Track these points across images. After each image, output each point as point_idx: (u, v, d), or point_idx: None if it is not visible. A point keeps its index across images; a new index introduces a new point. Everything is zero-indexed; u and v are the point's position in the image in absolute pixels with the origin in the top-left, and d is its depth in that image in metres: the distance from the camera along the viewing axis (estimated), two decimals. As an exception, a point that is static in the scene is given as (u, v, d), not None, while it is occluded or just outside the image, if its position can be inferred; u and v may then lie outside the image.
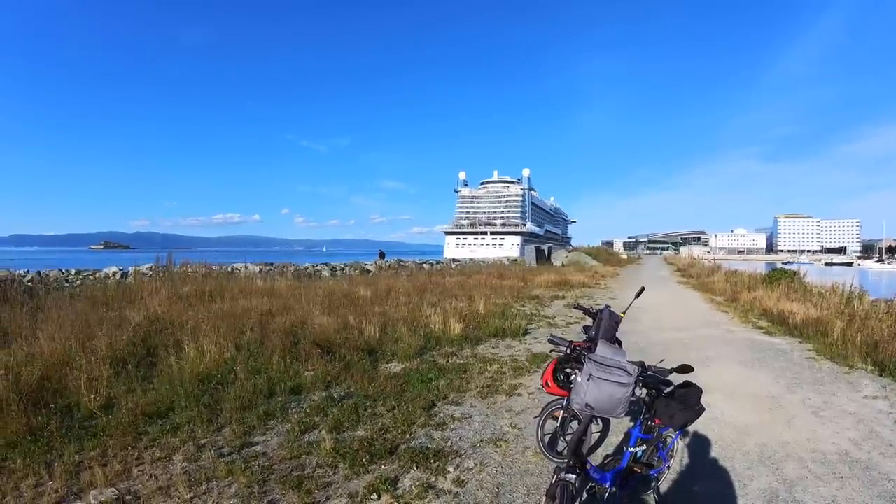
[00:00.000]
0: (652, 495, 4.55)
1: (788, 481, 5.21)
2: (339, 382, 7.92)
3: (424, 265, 39.58)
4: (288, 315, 11.85)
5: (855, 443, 6.22)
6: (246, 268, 24.19)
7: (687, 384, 4.19)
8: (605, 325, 5.68)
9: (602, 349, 3.80)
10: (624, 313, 6.18)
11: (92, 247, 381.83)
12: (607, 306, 5.89)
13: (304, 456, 5.39)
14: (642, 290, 7.14)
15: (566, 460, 3.64)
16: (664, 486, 4.85)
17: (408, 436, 6.03)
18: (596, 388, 3.52)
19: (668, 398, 4.01)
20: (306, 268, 28.11)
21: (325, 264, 31.61)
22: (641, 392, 3.91)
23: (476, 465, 5.37)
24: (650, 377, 3.96)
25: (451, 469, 5.24)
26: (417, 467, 5.20)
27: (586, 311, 6.55)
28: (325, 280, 22.54)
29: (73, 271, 20.15)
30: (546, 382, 5.15)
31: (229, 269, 22.51)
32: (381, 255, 44.13)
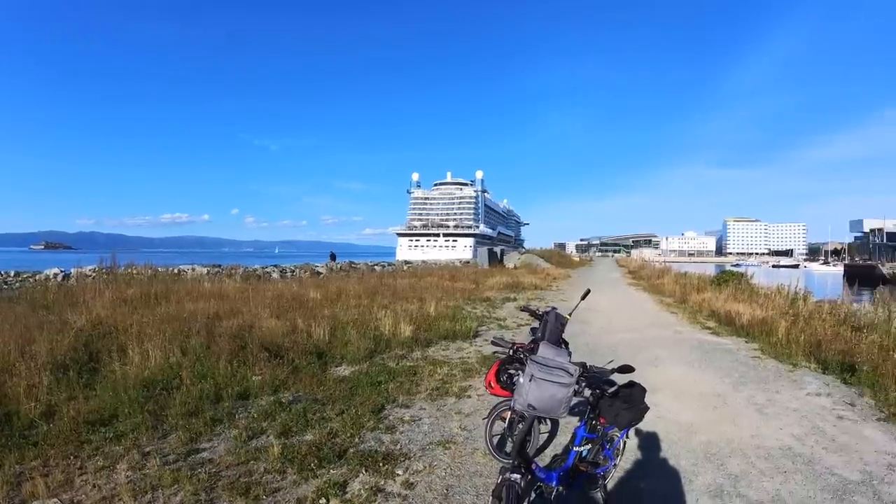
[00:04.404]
0: (599, 493, 4.69)
1: (733, 476, 5.45)
2: (287, 386, 7.91)
3: (376, 267, 39.52)
4: (235, 318, 11.74)
5: (798, 438, 6.53)
6: (193, 269, 23.90)
7: (631, 384, 4.35)
8: (551, 327, 5.82)
9: (544, 350, 3.91)
10: (570, 315, 6.34)
11: (32, 247, 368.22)
12: (553, 308, 6.05)
13: (251, 462, 5.39)
14: (588, 292, 7.33)
15: (511, 460, 3.76)
16: (611, 483, 5.00)
17: (357, 439, 6.08)
18: (538, 388, 3.62)
19: (612, 398, 4.14)
20: (255, 270, 27.86)
21: (275, 266, 31.39)
22: (586, 392, 4.04)
23: (425, 467, 5.46)
24: (593, 377, 4.11)
25: (400, 472, 5.31)
26: (366, 471, 5.26)
27: (532, 313, 6.69)
28: (275, 282, 22.30)
29: (11, 273, 19.63)
30: (489, 384, 5.26)
31: (176, 271, 22.22)
32: (333, 257, 43.88)
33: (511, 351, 5.10)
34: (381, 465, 5.40)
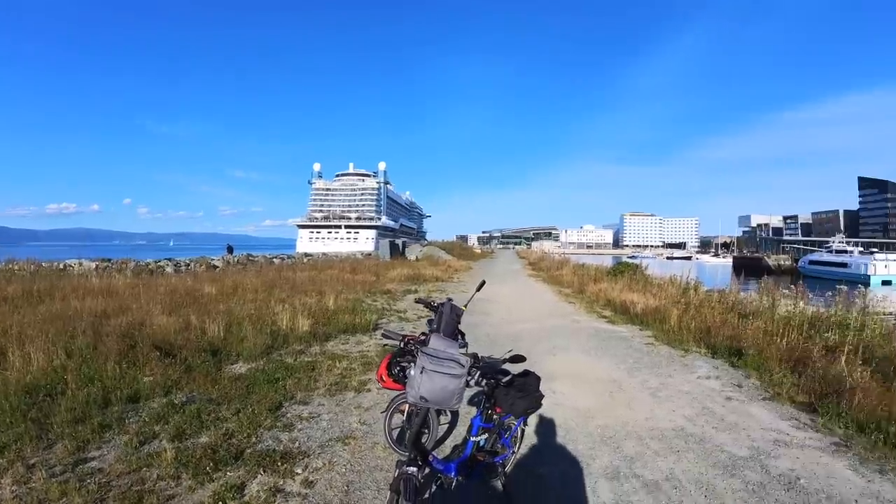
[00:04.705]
0: (499, 481, 4.72)
1: (629, 458, 5.63)
2: (180, 387, 7.53)
3: (275, 260, 38.76)
4: (125, 316, 11.21)
5: (690, 419, 6.84)
6: (80, 264, 22.89)
7: (526, 373, 4.42)
8: (446, 319, 5.83)
9: (435, 342, 3.91)
10: (465, 306, 6.36)
11: None
12: (449, 300, 6.05)
13: (144, 469, 5.09)
14: (483, 283, 7.39)
15: (407, 454, 3.73)
16: (511, 471, 5.04)
17: (254, 439, 5.87)
18: (429, 380, 3.60)
19: (507, 387, 4.19)
20: (148, 264, 26.83)
21: (169, 260, 30.17)
22: (481, 382, 4.05)
23: (325, 464, 5.35)
24: (486, 368, 4.14)
25: (299, 470, 5.18)
26: (264, 471, 5.09)
27: (428, 305, 6.68)
28: (168, 277, 21.53)
29: None
30: (381, 377, 5.21)
31: (61, 266, 21.13)
32: (230, 250, 42.69)
33: (402, 343, 5.07)
34: (279, 464, 5.24)
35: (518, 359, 4.34)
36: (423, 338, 5.15)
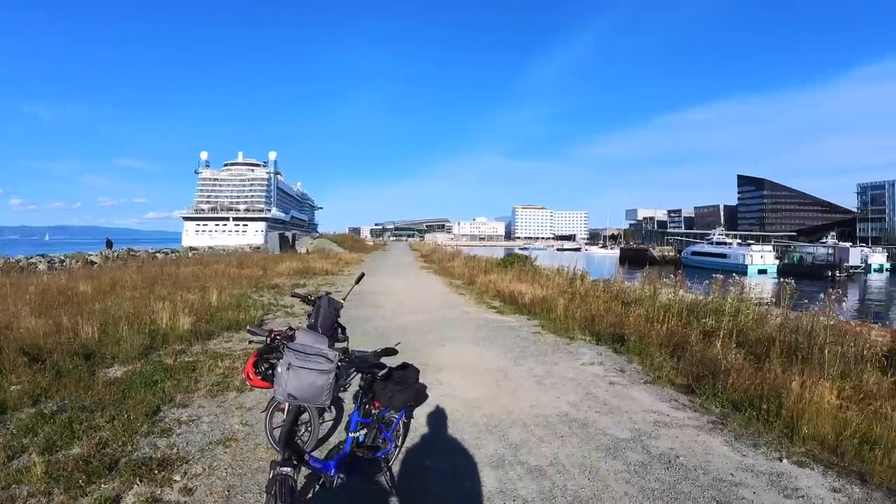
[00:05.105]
0: (383, 476, 4.67)
1: (514, 445, 5.70)
2: (50, 395, 6.95)
3: (158, 254, 37.04)
4: (-12, 319, 10.32)
5: (574, 405, 7.02)
6: (-59, 263, 20.86)
7: (405, 365, 4.43)
8: (324, 313, 5.72)
9: (302, 337, 3.87)
10: (344, 300, 6.26)
11: None
12: (327, 293, 5.96)
13: (12, 486, 4.67)
14: (362, 276, 7.34)
15: (280, 453, 3.63)
16: (396, 465, 5.02)
17: (130, 447, 5.53)
18: (296, 377, 3.55)
19: (385, 380, 4.18)
20: (19, 261, 24.82)
21: (42, 256, 28.08)
22: (352, 376, 4.00)
23: (205, 469, 5.12)
24: (357, 362, 4.14)
25: (177, 478, 4.92)
26: (141, 481, 4.80)
27: (304, 299, 6.54)
28: (41, 275, 20.06)
29: None
30: (248, 375, 5.05)
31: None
32: (109, 245, 40.40)
33: (268, 339, 4.92)
34: (156, 472, 4.96)
35: (390, 352, 4.35)
36: (290, 333, 5.02)
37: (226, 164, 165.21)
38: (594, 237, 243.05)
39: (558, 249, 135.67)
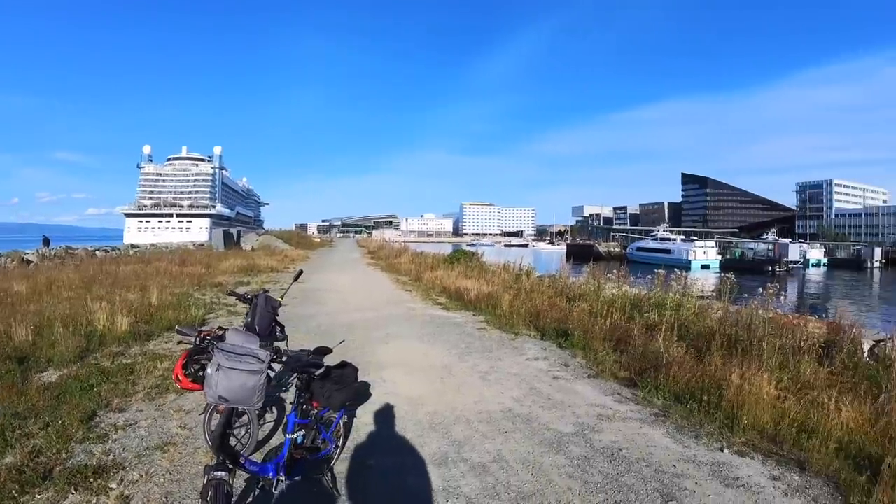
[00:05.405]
0: (325, 477, 4.60)
1: (458, 443, 5.66)
2: None
3: (98, 253, 36.07)
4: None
5: (517, 400, 7.02)
6: None
7: (343, 364, 4.39)
8: (260, 312, 5.63)
9: (232, 337, 3.81)
10: (282, 297, 6.15)
11: None
12: (264, 291, 5.85)
13: None
14: (300, 272, 7.27)
15: (214, 457, 3.53)
16: (338, 466, 4.95)
17: (65, 455, 5.29)
18: (226, 378, 3.50)
19: (322, 380, 4.12)
20: (-51, 262, 23.78)
21: (-27, 255, 27.14)
22: (289, 377, 3.93)
23: (142, 475, 4.92)
24: (295, 361, 4.08)
25: (114, 485, 4.73)
26: (76, 490, 4.60)
27: (240, 298, 6.40)
28: (-28, 275, 19.32)
29: None
30: (177, 377, 4.91)
31: None
32: (46, 243, 39.15)
33: (197, 340, 4.78)
34: (92, 480, 4.75)
35: (324, 350, 4.32)
36: (220, 333, 4.89)
37: (169, 159, 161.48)
38: (541, 233, 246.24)
39: (506, 246, 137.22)
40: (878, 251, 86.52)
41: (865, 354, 8.19)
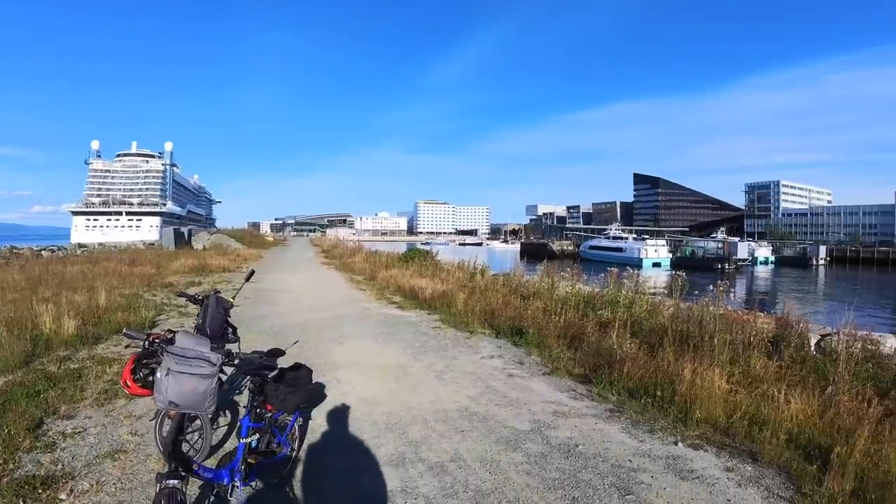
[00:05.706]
0: (281, 482, 4.56)
1: (414, 442, 5.64)
2: None
3: (44, 252, 35.17)
4: None
5: (474, 399, 7.03)
6: None
7: (297, 366, 4.34)
8: (211, 313, 5.52)
9: (182, 340, 3.71)
10: (234, 298, 6.05)
11: None
12: (215, 292, 5.74)
13: None
14: (252, 272, 7.17)
15: (166, 465, 3.44)
16: (295, 469, 4.91)
17: (11, 465, 5.07)
18: (176, 382, 3.42)
19: (276, 382, 4.07)
20: None
21: None
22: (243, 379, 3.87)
23: (92, 485, 4.76)
24: (247, 364, 4.01)
25: (63, 496, 4.56)
26: (25, 501, 4.43)
27: (191, 299, 6.28)
28: None
29: None
30: (125, 382, 4.79)
31: None
32: (-12, 243, 38.02)
33: (146, 343, 4.67)
34: (41, 491, 4.57)
35: (277, 352, 4.25)
36: (169, 336, 4.78)
37: (118, 155, 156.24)
38: (496, 232, 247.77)
39: (460, 244, 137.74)
40: (822, 249, 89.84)
41: (812, 348, 8.45)
